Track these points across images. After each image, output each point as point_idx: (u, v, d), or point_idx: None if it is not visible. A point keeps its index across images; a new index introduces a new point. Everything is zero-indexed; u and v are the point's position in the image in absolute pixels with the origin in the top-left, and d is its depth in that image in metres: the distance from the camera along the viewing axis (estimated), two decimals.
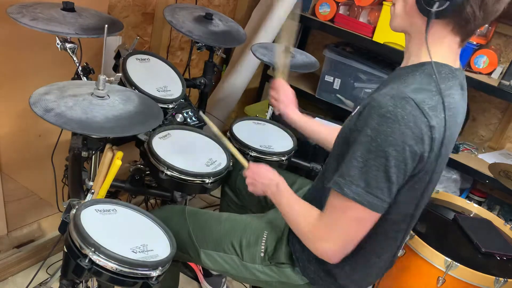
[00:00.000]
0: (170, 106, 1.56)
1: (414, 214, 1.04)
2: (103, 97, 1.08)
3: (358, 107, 0.98)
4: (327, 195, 1.00)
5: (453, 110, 0.93)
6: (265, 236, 1.20)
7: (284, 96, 1.45)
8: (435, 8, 0.87)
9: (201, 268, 1.88)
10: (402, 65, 1.03)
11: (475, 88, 2.18)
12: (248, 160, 1.29)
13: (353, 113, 1.03)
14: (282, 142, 1.67)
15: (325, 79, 2.54)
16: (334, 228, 0.97)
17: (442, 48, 0.95)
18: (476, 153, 2.36)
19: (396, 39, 2.19)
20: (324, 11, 2.43)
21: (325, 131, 1.43)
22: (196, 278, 1.92)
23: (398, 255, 1.25)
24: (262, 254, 1.18)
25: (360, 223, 0.95)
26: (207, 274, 1.86)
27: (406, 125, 0.85)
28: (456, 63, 0.98)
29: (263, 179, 1.18)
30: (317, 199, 1.12)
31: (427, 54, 0.93)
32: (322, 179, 1.13)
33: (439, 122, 0.88)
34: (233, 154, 1.34)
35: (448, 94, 0.92)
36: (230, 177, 1.52)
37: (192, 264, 1.88)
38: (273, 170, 1.21)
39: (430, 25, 0.90)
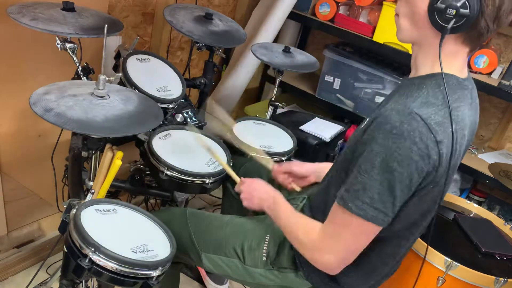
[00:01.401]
0: (170, 106, 1.56)
1: (423, 223, 1.04)
2: (103, 97, 1.08)
3: (367, 119, 0.97)
4: (332, 207, 1.00)
5: (461, 123, 0.92)
6: (267, 240, 1.19)
7: (291, 171, 1.39)
8: (451, 25, 0.85)
9: None
10: (410, 75, 1.01)
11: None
12: (239, 175, 1.29)
13: (361, 126, 1.02)
14: (282, 142, 1.67)
15: (325, 79, 2.54)
16: (336, 241, 0.97)
17: (450, 59, 0.93)
18: (476, 153, 2.37)
19: (396, 39, 2.18)
20: (324, 11, 2.43)
21: None
22: (196, 279, 1.92)
23: None
24: (264, 258, 1.18)
25: (362, 236, 0.95)
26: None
27: (412, 141, 0.84)
28: (463, 72, 0.97)
29: (258, 193, 1.18)
30: (320, 209, 1.12)
31: (436, 66, 0.92)
32: (327, 190, 1.11)
33: (446, 137, 0.87)
34: (224, 169, 1.35)
35: (455, 107, 0.90)
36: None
37: None
38: (267, 184, 1.21)
39: (439, 37, 0.89)
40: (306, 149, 2.02)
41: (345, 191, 0.92)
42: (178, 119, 1.59)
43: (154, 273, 0.98)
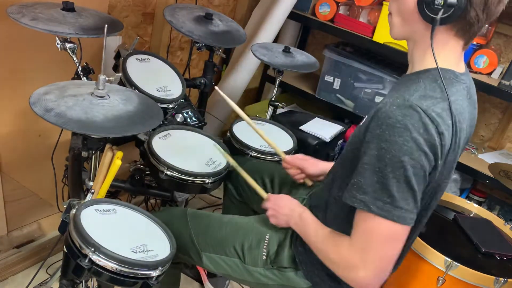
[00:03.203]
0: (170, 106, 1.56)
1: (422, 218, 1.04)
2: (103, 97, 1.08)
3: (366, 116, 0.97)
4: (333, 207, 1.00)
5: (459, 116, 0.92)
6: (267, 239, 1.19)
7: (301, 164, 1.39)
8: (440, 15, 0.86)
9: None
10: (408, 72, 1.01)
11: (475, 88, 2.18)
12: (267, 191, 1.28)
13: (361, 123, 1.02)
14: (282, 142, 1.67)
15: (325, 79, 2.54)
16: (368, 252, 0.91)
17: (445, 52, 0.94)
18: (476, 153, 2.36)
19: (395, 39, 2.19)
20: (324, 11, 2.43)
21: None
22: (196, 279, 1.92)
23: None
24: (264, 258, 1.18)
25: (393, 241, 0.90)
26: (211, 274, 1.86)
27: (418, 132, 0.84)
28: (459, 67, 0.97)
29: (284, 210, 1.15)
30: (321, 208, 1.12)
31: (431, 60, 0.92)
32: (328, 189, 1.11)
33: (447, 129, 0.88)
34: (251, 186, 1.32)
35: (453, 100, 0.91)
36: (232, 173, 1.52)
37: None
38: (294, 200, 1.18)
39: (434, 31, 0.89)
40: (306, 149, 2.02)
41: (363, 194, 0.89)
42: (178, 119, 1.59)
43: (154, 273, 0.98)
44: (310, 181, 1.40)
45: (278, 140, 1.68)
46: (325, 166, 1.37)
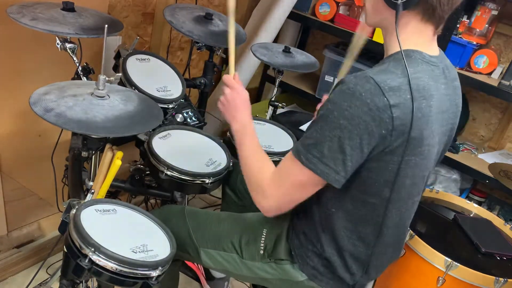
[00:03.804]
0: (170, 106, 1.56)
1: (396, 199, 1.02)
2: (103, 97, 1.08)
3: None
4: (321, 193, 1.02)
5: (422, 91, 0.93)
6: (264, 234, 1.20)
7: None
8: (400, 0, 0.90)
9: (203, 271, 1.88)
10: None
11: (475, 88, 2.18)
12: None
13: None
14: (282, 142, 1.67)
15: (325, 79, 2.54)
16: (280, 188, 1.00)
17: (414, 36, 0.97)
18: (476, 153, 2.37)
19: None
20: (324, 11, 2.43)
21: None
22: (196, 278, 1.92)
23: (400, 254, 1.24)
24: (261, 252, 1.19)
25: (305, 188, 0.99)
26: (209, 277, 1.86)
27: (363, 101, 0.87)
28: (431, 50, 0.99)
29: (235, 111, 1.15)
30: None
31: (398, 44, 0.95)
32: None
33: (402, 102, 0.89)
34: (229, 54, 1.22)
35: (415, 77, 0.93)
36: (231, 178, 1.52)
37: (194, 267, 1.88)
38: (247, 107, 1.17)
39: (399, 17, 0.93)
40: None
41: (301, 145, 0.96)
42: (178, 119, 1.59)
43: (154, 273, 0.98)
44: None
45: (278, 140, 1.68)
46: None
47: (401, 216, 1.08)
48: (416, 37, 0.97)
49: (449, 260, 1.43)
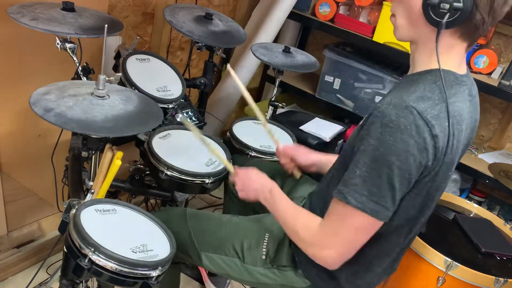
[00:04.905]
0: (170, 106, 1.56)
1: (417, 219, 1.04)
2: (103, 97, 1.08)
3: (364, 117, 0.98)
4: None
5: (457, 117, 0.92)
6: (266, 239, 1.19)
7: (293, 153, 1.40)
8: (445, 19, 0.86)
9: None
10: (409, 73, 1.01)
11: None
12: (234, 165, 1.28)
13: (360, 122, 1.02)
14: (282, 142, 1.66)
15: (325, 79, 2.54)
16: (336, 236, 0.96)
17: (449, 55, 0.93)
18: (476, 153, 2.36)
19: (396, 39, 2.18)
20: (324, 11, 2.43)
21: None
22: (196, 278, 1.92)
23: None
24: (263, 257, 1.18)
25: (362, 231, 0.95)
26: (211, 273, 1.86)
27: (409, 134, 0.84)
28: (461, 69, 0.97)
29: (254, 184, 1.17)
30: (318, 207, 1.12)
31: (433, 61, 0.92)
32: (327, 189, 1.11)
33: (442, 131, 0.88)
34: (220, 159, 1.32)
35: (452, 101, 0.91)
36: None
37: None
38: (263, 174, 1.20)
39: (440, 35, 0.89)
40: None
41: (343, 185, 0.92)
42: (178, 119, 1.59)
43: (154, 273, 0.98)
44: (299, 172, 1.39)
45: (278, 140, 1.67)
46: (317, 157, 1.37)
47: (413, 233, 1.09)
48: (449, 54, 0.93)
49: (449, 260, 1.43)
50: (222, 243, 1.22)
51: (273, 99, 1.96)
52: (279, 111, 2.10)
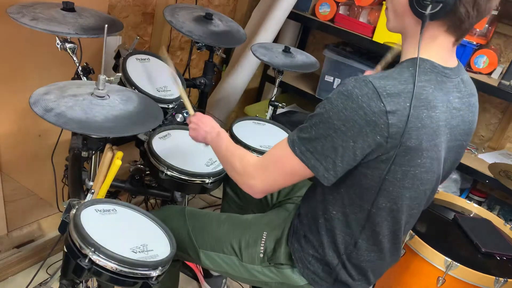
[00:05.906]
0: (170, 106, 1.56)
1: (395, 208, 1.01)
2: (103, 97, 1.08)
3: None
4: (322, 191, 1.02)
5: (425, 102, 0.90)
6: (264, 237, 1.20)
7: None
8: (428, 11, 0.88)
9: (201, 269, 1.88)
10: None
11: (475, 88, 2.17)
12: (195, 109, 1.30)
13: None
14: None
15: (325, 79, 2.54)
16: (268, 171, 1.02)
17: (434, 47, 0.95)
18: (476, 153, 2.36)
19: (396, 39, 2.18)
20: (324, 11, 2.43)
21: None
22: (196, 278, 1.92)
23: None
24: (261, 255, 1.19)
25: (293, 175, 1.00)
26: (207, 275, 1.86)
27: (359, 105, 0.87)
28: (449, 62, 0.97)
29: (205, 126, 1.21)
30: (311, 198, 1.13)
31: (416, 51, 0.93)
32: (314, 187, 1.12)
33: (400, 109, 0.87)
34: (182, 98, 1.36)
35: (419, 86, 0.91)
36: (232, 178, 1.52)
37: (192, 265, 1.89)
38: (212, 120, 1.24)
39: (424, 27, 0.91)
40: None
41: (296, 136, 0.97)
42: (178, 119, 1.59)
43: (154, 273, 0.98)
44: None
45: (278, 140, 1.66)
46: None
47: (399, 226, 1.06)
48: (436, 47, 0.95)
49: (449, 260, 1.43)
50: (220, 241, 1.22)
51: (273, 99, 1.96)
52: (279, 111, 2.10)
